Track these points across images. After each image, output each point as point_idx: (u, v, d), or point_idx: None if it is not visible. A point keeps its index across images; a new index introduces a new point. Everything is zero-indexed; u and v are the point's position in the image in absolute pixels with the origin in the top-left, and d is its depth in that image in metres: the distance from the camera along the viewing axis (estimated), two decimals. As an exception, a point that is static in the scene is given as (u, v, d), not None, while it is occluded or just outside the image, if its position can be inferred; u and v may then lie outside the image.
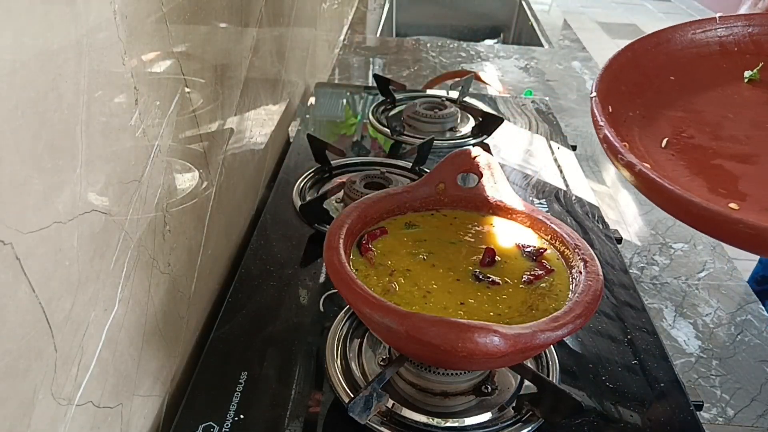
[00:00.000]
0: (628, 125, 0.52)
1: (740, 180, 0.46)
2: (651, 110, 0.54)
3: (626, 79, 0.55)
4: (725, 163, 0.48)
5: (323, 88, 1.12)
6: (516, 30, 2.21)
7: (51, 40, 0.31)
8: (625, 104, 0.53)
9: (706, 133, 0.52)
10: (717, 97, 0.57)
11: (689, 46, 0.60)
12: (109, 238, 0.39)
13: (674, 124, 0.53)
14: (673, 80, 0.58)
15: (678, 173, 0.47)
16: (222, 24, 0.60)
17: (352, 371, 0.52)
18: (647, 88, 0.56)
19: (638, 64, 0.57)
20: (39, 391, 0.32)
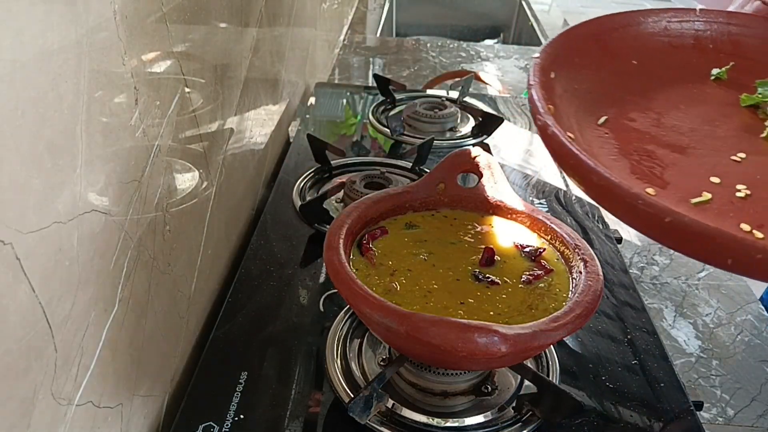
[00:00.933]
0: (569, 96, 0.48)
1: (668, 168, 0.44)
2: (601, 88, 0.51)
3: (584, 51, 0.52)
4: (658, 150, 0.46)
5: (323, 88, 1.12)
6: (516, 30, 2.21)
7: (51, 40, 0.31)
8: (573, 75, 0.50)
9: (650, 119, 0.49)
10: (676, 89, 0.54)
11: (661, 33, 0.57)
12: (109, 238, 0.39)
13: (620, 105, 0.50)
14: (635, 64, 0.55)
15: (604, 151, 0.45)
16: (222, 24, 0.60)
17: (352, 371, 0.52)
18: (604, 67, 0.53)
19: (601, 39, 0.54)
20: (39, 391, 0.32)
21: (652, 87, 0.53)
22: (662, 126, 0.49)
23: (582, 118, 0.48)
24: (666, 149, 0.46)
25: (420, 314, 0.41)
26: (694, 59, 0.57)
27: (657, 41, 0.56)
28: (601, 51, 0.53)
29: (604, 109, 0.50)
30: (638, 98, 0.52)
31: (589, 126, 0.47)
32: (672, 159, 0.45)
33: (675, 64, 0.56)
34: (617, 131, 0.47)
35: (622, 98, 0.51)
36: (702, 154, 0.46)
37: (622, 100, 0.51)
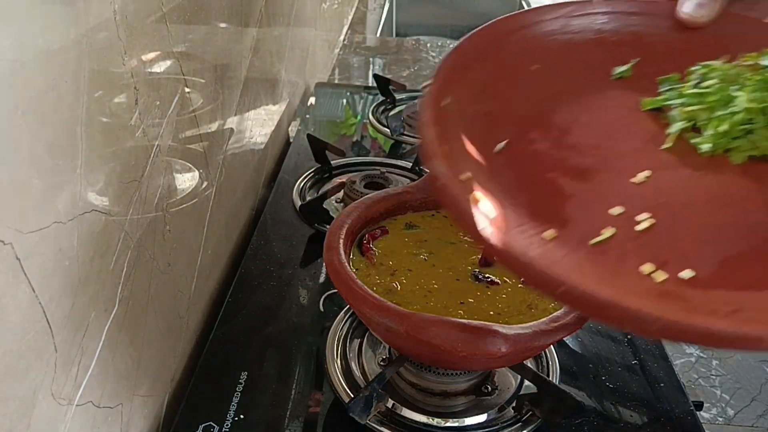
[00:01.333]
0: (466, 124, 0.44)
1: (569, 200, 0.40)
2: (500, 105, 0.47)
3: (479, 64, 0.48)
4: (559, 178, 0.42)
5: (323, 88, 1.12)
6: (516, 30, 2.21)
7: (51, 40, 0.31)
8: (469, 96, 0.46)
9: (551, 139, 0.45)
10: (579, 94, 0.50)
11: (561, 31, 0.52)
12: (109, 238, 0.39)
13: (521, 124, 0.46)
14: (535, 70, 0.50)
15: (502, 187, 0.40)
16: (222, 24, 0.60)
17: (352, 371, 0.52)
18: (502, 79, 0.48)
19: (497, 47, 0.49)
20: (39, 391, 0.32)
21: (553, 96, 0.49)
22: (564, 146, 0.45)
23: (481, 148, 0.43)
24: (567, 176, 0.42)
25: (420, 314, 0.41)
26: (597, 57, 0.52)
27: (557, 41, 0.52)
28: (498, 60, 0.49)
29: (504, 131, 0.45)
30: (539, 113, 0.48)
31: (487, 156, 0.43)
32: (573, 188, 0.42)
33: (577, 65, 0.52)
34: (517, 158, 0.43)
35: (522, 115, 0.47)
36: (604, 177, 0.43)
37: (522, 118, 0.47)
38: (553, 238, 0.37)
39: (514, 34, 0.51)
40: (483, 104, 0.46)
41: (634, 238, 0.38)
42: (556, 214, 0.39)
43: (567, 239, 0.37)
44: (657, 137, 0.46)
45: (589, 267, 0.35)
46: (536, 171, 0.43)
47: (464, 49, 0.48)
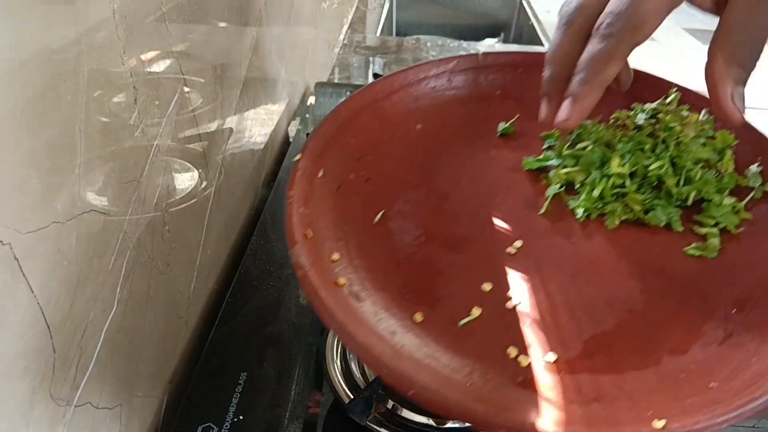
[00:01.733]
0: (345, 193, 0.42)
1: (441, 276, 0.39)
2: (381, 170, 0.44)
3: (360, 128, 0.45)
4: (434, 251, 0.40)
5: (323, 87, 1.12)
6: (516, 29, 2.21)
7: (50, 39, 0.31)
8: (347, 165, 0.43)
9: (429, 207, 0.43)
10: (462, 154, 0.48)
11: (445, 87, 0.50)
12: (107, 238, 0.39)
13: (402, 190, 0.44)
14: (419, 129, 0.48)
15: (378, 262, 0.39)
16: (221, 23, 0.60)
17: (352, 372, 0.52)
18: (385, 141, 0.46)
19: (377, 109, 0.47)
20: (37, 391, 0.32)
21: (436, 157, 0.47)
22: (442, 214, 0.43)
23: (358, 219, 0.41)
24: (443, 248, 0.41)
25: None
26: (481, 114, 0.50)
27: (441, 98, 0.50)
28: (379, 123, 0.47)
29: (386, 199, 0.43)
30: (421, 177, 0.46)
31: (364, 229, 0.41)
32: (447, 262, 0.40)
33: (462, 120, 0.50)
34: (393, 230, 0.42)
35: (403, 179, 0.45)
36: (479, 249, 0.41)
37: (404, 183, 0.45)
38: (421, 322, 0.36)
39: (396, 94, 0.49)
40: (363, 171, 0.44)
41: (502, 317, 0.37)
42: (427, 294, 0.38)
43: (436, 321, 0.36)
44: (535, 201, 0.45)
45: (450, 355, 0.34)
46: (412, 244, 0.41)
47: (340, 115, 0.46)
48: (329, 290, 0.35)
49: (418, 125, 0.48)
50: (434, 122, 0.49)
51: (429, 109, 0.49)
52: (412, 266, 0.40)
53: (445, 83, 0.50)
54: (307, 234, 0.37)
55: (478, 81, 0.52)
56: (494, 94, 0.52)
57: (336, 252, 0.38)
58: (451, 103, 0.50)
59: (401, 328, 0.35)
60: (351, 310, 0.35)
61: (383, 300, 0.37)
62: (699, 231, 0.43)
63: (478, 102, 0.51)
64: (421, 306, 0.37)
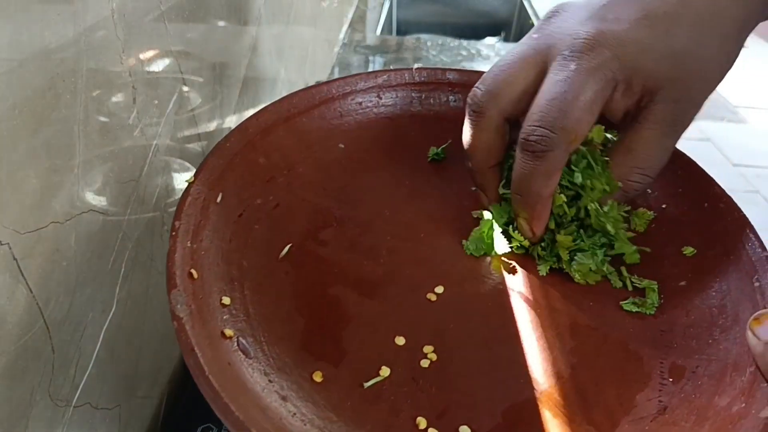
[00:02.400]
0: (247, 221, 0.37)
1: (350, 325, 0.34)
2: (294, 195, 0.40)
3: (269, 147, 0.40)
4: (344, 295, 0.36)
5: (323, 86, 1.12)
6: (517, 28, 2.21)
7: (49, 38, 0.31)
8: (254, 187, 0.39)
9: (346, 239, 0.39)
10: (387, 180, 0.43)
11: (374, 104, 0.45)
12: (107, 238, 0.39)
13: (316, 219, 0.39)
14: (342, 149, 0.43)
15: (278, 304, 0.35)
16: (221, 22, 0.60)
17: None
18: (300, 161, 0.41)
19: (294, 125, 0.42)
20: (37, 392, 0.32)
21: (359, 182, 0.43)
22: (358, 250, 0.39)
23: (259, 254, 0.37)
24: (355, 291, 0.36)
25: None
26: (412, 135, 0.46)
27: (369, 115, 0.45)
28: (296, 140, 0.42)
29: (298, 228, 0.39)
30: (339, 204, 0.41)
31: (265, 266, 0.36)
32: (359, 308, 0.35)
33: (390, 144, 0.45)
34: (300, 267, 0.37)
35: (319, 208, 0.40)
36: (395, 293, 0.36)
37: (319, 212, 0.40)
38: (320, 382, 0.31)
39: (317, 109, 0.44)
40: (272, 196, 0.39)
41: (413, 379, 0.33)
42: (331, 346, 0.33)
43: (338, 382, 0.32)
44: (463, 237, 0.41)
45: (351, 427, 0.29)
46: (320, 285, 0.36)
47: (249, 130, 0.40)
48: (211, 345, 0.30)
49: (340, 144, 0.44)
50: (359, 142, 0.44)
51: (354, 128, 0.45)
52: (318, 313, 0.35)
53: (373, 99, 0.45)
54: (192, 274, 0.33)
55: (410, 99, 0.47)
56: (427, 114, 0.47)
57: (227, 295, 0.34)
58: (378, 122, 0.45)
59: (295, 392, 0.31)
60: (233, 371, 0.30)
61: (278, 355, 0.32)
62: (638, 284, 0.39)
63: (410, 122, 0.46)
64: (323, 362, 0.32)
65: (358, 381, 0.32)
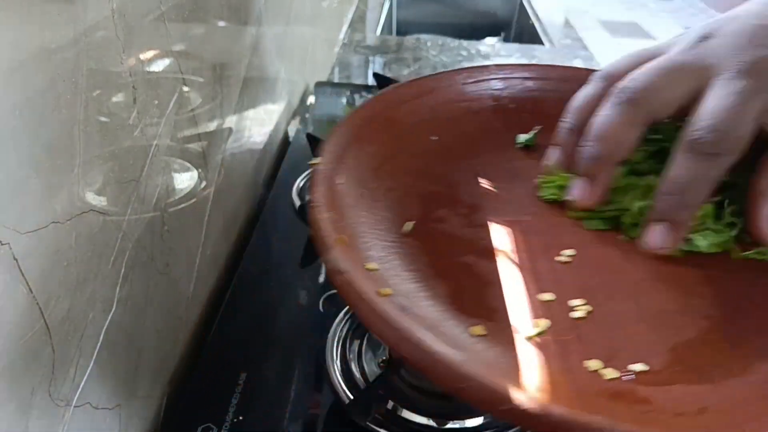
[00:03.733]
0: (366, 204, 0.39)
1: (488, 288, 0.36)
2: (402, 181, 0.42)
3: (374, 137, 0.43)
4: (476, 262, 0.37)
5: (323, 87, 1.12)
6: (517, 28, 2.21)
7: (49, 39, 0.31)
8: (367, 172, 0.41)
9: (460, 216, 0.41)
10: (485, 166, 0.46)
11: (458, 98, 0.49)
12: (107, 238, 0.39)
13: (427, 201, 0.42)
14: (435, 141, 0.46)
15: (415, 275, 0.36)
16: (221, 22, 0.60)
17: (352, 372, 0.52)
18: (401, 150, 0.44)
19: (390, 119, 0.45)
20: (37, 392, 0.32)
21: (458, 167, 0.45)
22: (474, 224, 0.41)
23: (388, 228, 0.39)
24: (484, 258, 0.38)
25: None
26: (497, 123, 0.49)
27: (455, 108, 0.48)
28: (393, 132, 0.45)
29: (410, 210, 0.41)
30: (443, 187, 0.43)
31: (396, 239, 0.38)
32: (493, 272, 0.37)
33: (478, 132, 0.48)
34: (426, 241, 0.39)
35: (426, 190, 0.43)
36: (526, 257, 0.38)
37: (427, 193, 0.43)
38: (483, 335, 0.32)
39: (409, 104, 0.47)
40: (383, 181, 0.42)
41: (571, 329, 0.34)
42: (479, 306, 0.34)
43: (498, 334, 0.32)
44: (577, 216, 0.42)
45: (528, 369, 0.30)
46: (449, 254, 0.38)
47: (354, 122, 0.44)
48: (377, 298, 0.31)
49: (432, 137, 0.47)
50: (450, 134, 0.47)
51: (443, 121, 0.48)
52: (456, 277, 0.36)
53: (456, 95, 0.49)
54: (342, 239, 0.34)
55: (491, 93, 0.50)
56: (508, 106, 0.50)
57: (371, 262, 0.35)
58: (465, 115, 0.49)
59: (464, 341, 0.31)
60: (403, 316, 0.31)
61: (434, 313, 0.33)
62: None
63: (492, 114, 0.50)
64: (477, 318, 0.33)
65: (516, 334, 0.33)
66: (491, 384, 0.27)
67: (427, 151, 0.46)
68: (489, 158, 0.47)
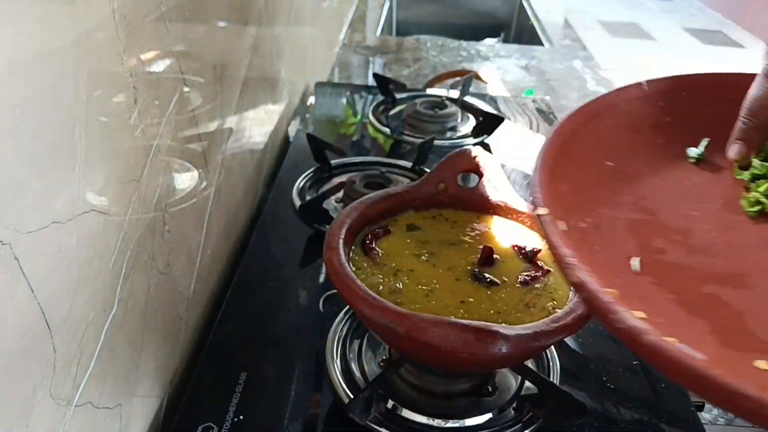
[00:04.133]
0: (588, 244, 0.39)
1: (745, 315, 0.35)
2: (602, 214, 0.42)
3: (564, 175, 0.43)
4: (720, 291, 0.36)
5: (323, 87, 1.12)
6: (517, 29, 2.21)
7: (50, 39, 0.31)
8: (571, 212, 0.41)
9: (678, 244, 0.40)
10: (666, 186, 0.45)
11: (620, 120, 0.49)
12: (107, 238, 0.39)
13: (636, 232, 0.41)
14: (611, 166, 0.46)
15: (673, 314, 0.35)
16: (221, 23, 0.60)
17: (352, 372, 0.52)
18: (588, 184, 0.44)
19: (569, 152, 0.45)
20: (38, 391, 0.32)
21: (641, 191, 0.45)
22: (697, 251, 0.40)
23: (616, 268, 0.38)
24: (725, 286, 0.36)
25: (420, 315, 0.41)
26: (659, 139, 0.49)
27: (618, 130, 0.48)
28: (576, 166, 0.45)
29: (624, 244, 0.40)
30: (642, 214, 0.43)
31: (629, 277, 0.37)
32: (740, 300, 0.35)
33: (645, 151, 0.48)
34: (661, 276, 0.37)
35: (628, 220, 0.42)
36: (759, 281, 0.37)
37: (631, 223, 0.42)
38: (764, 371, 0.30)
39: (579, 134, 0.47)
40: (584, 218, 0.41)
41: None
42: (749, 339, 0.33)
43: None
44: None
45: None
46: (690, 287, 0.36)
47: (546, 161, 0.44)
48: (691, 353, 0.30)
49: (608, 162, 0.46)
50: (621, 157, 0.46)
51: (611, 145, 0.47)
52: (710, 311, 0.35)
53: (618, 117, 0.49)
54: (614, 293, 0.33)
55: (646, 110, 0.50)
56: (664, 120, 0.50)
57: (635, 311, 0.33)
58: (628, 135, 0.48)
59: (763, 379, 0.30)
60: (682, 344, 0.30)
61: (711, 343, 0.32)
62: None
63: (650, 131, 0.49)
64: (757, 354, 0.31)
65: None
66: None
67: (610, 181, 0.45)
68: (668, 176, 0.46)
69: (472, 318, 0.44)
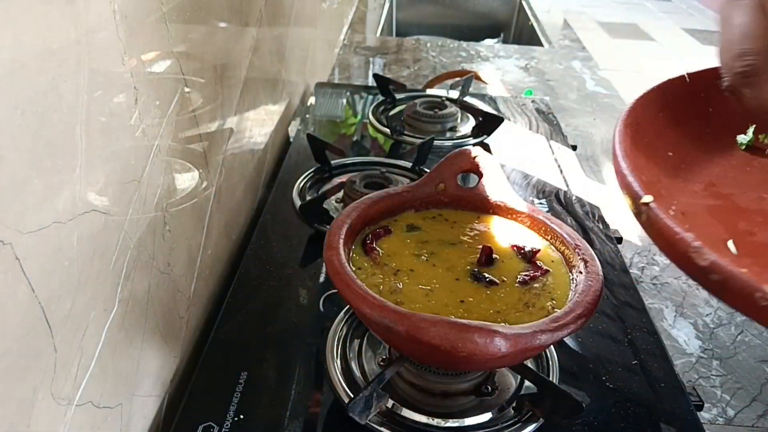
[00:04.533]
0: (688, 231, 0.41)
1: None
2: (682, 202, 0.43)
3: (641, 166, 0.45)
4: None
5: (323, 87, 1.12)
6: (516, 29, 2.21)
7: (51, 39, 0.31)
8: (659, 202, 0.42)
9: (763, 225, 0.41)
10: (729, 173, 0.47)
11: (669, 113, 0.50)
12: (108, 238, 0.39)
13: (719, 217, 0.43)
14: (672, 157, 0.47)
15: None
16: (222, 23, 0.60)
17: (352, 371, 0.52)
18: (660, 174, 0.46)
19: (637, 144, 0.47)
20: (39, 391, 0.32)
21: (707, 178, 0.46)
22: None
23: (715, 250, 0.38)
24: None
25: (420, 314, 0.41)
26: (707, 129, 0.50)
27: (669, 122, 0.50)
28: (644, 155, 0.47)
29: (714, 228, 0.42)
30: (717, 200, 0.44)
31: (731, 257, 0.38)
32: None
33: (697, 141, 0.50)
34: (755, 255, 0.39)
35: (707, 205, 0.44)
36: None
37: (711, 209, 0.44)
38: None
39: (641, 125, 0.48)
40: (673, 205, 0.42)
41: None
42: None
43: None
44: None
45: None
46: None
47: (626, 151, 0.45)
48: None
49: (669, 153, 0.47)
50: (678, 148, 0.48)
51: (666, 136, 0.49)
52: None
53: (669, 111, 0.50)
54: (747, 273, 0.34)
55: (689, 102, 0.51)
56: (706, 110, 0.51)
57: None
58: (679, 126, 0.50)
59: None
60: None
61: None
62: None
63: (696, 120, 0.50)
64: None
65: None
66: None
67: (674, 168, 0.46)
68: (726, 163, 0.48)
69: (471, 317, 0.44)
